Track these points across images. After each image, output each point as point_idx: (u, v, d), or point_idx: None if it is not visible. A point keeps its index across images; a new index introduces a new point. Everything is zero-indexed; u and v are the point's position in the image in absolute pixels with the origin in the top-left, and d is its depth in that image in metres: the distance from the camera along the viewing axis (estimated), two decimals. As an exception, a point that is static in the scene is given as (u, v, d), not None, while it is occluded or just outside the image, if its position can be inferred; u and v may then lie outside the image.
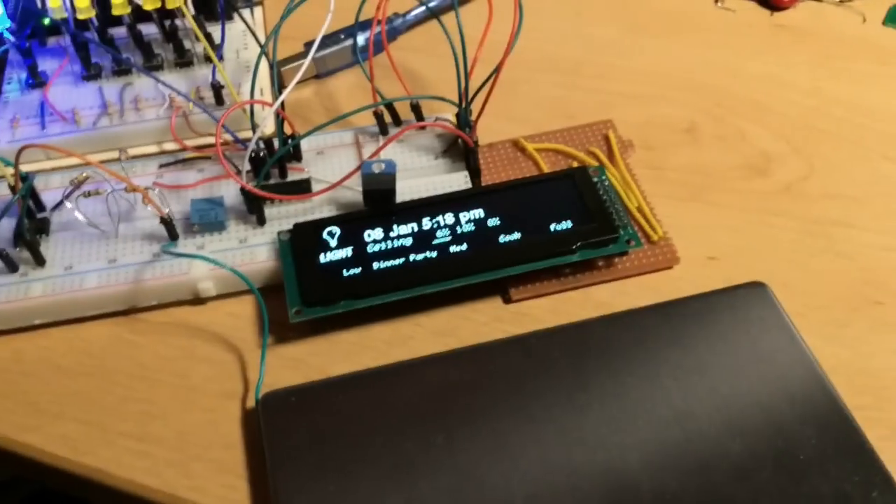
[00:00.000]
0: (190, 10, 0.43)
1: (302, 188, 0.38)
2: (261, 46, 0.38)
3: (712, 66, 0.47)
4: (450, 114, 0.41)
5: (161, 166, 0.40)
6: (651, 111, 0.44)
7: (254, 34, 0.41)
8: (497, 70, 0.37)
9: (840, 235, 0.39)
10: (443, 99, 0.39)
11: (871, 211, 0.40)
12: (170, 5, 0.40)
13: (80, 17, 0.40)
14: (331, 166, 0.40)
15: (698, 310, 0.35)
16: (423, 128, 0.41)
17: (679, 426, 0.31)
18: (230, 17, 0.45)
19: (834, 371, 0.33)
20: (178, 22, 0.43)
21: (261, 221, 0.37)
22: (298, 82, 0.39)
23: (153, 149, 0.41)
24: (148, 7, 0.40)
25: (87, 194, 0.36)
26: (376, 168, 0.36)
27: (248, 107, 0.38)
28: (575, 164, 0.41)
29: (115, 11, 0.40)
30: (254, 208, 0.37)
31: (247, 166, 0.37)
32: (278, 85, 0.39)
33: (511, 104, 0.44)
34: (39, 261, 0.36)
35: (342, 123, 0.38)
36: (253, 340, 0.36)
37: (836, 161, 0.42)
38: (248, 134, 0.40)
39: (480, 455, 0.31)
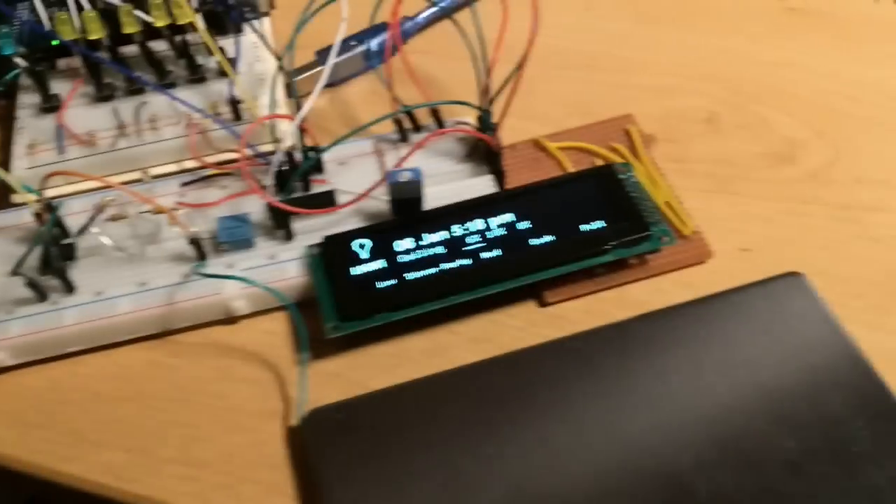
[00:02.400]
0: (201, 25, 0.42)
1: (327, 200, 0.38)
2: (278, 59, 0.38)
3: (727, 54, 0.46)
4: (469, 117, 0.41)
5: (183, 185, 0.39)
6: (670, 103, 0.44)
7: (268, 47, 0.40)
8: (519, 69, 0.37)
9: (872, 220, 0.38)
10: (465, 103, 0.39)
11: (901, 193, 0.39)
12: (180, 21, 0.40)
13: (91, 37, 0.40)
14: (353, 176, 0.39)
15: (736, 304, 0.35)
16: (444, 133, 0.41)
17: (728, 423, 0.31)
18: (240, 31, 0.44)
19: (878, 358, 0.33)
20: (189, 37, 0.42)
21: (288, 236, 0.37)
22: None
23: (172, 167, 0.41)
24: (159, 24, 0.40)
25: (114, 218, 0.36)
26: (402, 177, 0.36)
27: (267, 121, 0.38)
28: (599, 162, 0.41)
29: (126, 30, 0.40)
30: (281, 224, 0.36)
31: (271, 181, 0.36)
32: (297, 93, 0.38)
33: (529, 103, 0.43)
34: (69, 288, 0.35)
35: (360, 132, 0.38)
36: (289, 357, 0.35)
37: (861, 144, 0.42)
38: (267, 148, 0.40)
39: (532, 463, 0.30)
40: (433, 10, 0.47)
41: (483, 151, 0.40)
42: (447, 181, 0.39)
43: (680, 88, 0.45)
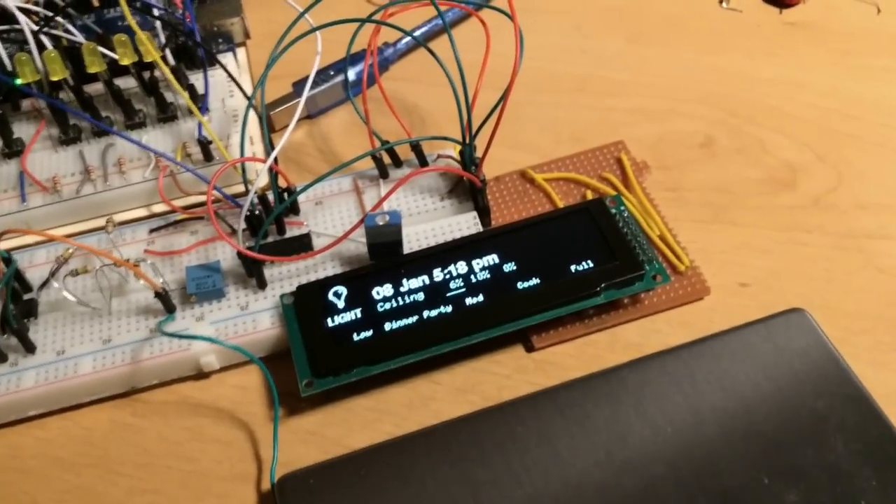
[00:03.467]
0: (169, 62, 0.40)
1: (302, 244, 0.36)
2: (248, 99, 0.36)
3: (723, 73, 0.44)
4: (452, 149, 0.39)
5: (151, 231, 0.37)
6: (663, 127, 0.42)
7: (238, 85, 0.39)
8: (502, 101, 0.35)
9: (877, 249, 0.36)
10: (446, 139, 0.37)
11: (908, 219, 0.37)
12: (147, 59, 0.38)
13: (54, 78, 0.38)
14: (331, 216, 0.38)
15: (735, 344, 0.33)
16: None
17: (728, 476, 0.29)
18: (212, 65, 0.42)
19: (886, 400, 0.31)
20: (157, 73, 0.41)
21: (261, 285, 0.35)
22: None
23: (142, 212, 0.39)
24: (125, 62, 0.38)
25: (75, 273, 0.34)
26: (380, 220, 0.34)
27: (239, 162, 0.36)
28: (589, 194, 0.39)
29: (90, 69, 0.38)
30: (253, 272, 0.35)
31: (242, 226, 0.35)
32: (269, 132, 0.36)
33: (514, 130, 0.41)
34: (29, 348, 0.33)
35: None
36: (263, 414, 0.33)
37: (863, 167, 0.39)
38: (240, 188, 0.38)
39: (518, 529, 0.28)
40: (409, 39, 0.45)
41: (467, 186, 0.38)
42: (429, 219, 0.38)
43: (673, 111, 0.43)
